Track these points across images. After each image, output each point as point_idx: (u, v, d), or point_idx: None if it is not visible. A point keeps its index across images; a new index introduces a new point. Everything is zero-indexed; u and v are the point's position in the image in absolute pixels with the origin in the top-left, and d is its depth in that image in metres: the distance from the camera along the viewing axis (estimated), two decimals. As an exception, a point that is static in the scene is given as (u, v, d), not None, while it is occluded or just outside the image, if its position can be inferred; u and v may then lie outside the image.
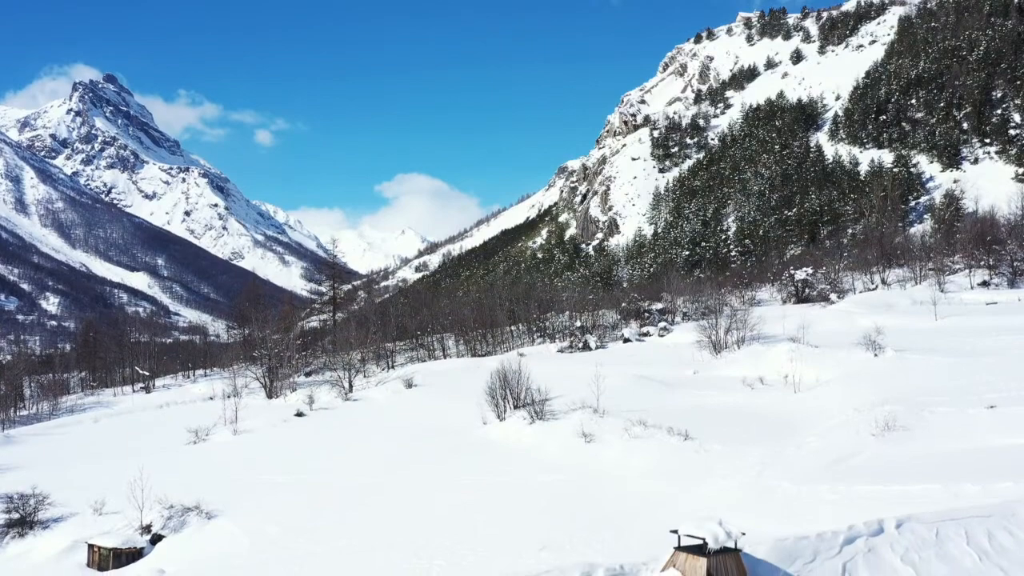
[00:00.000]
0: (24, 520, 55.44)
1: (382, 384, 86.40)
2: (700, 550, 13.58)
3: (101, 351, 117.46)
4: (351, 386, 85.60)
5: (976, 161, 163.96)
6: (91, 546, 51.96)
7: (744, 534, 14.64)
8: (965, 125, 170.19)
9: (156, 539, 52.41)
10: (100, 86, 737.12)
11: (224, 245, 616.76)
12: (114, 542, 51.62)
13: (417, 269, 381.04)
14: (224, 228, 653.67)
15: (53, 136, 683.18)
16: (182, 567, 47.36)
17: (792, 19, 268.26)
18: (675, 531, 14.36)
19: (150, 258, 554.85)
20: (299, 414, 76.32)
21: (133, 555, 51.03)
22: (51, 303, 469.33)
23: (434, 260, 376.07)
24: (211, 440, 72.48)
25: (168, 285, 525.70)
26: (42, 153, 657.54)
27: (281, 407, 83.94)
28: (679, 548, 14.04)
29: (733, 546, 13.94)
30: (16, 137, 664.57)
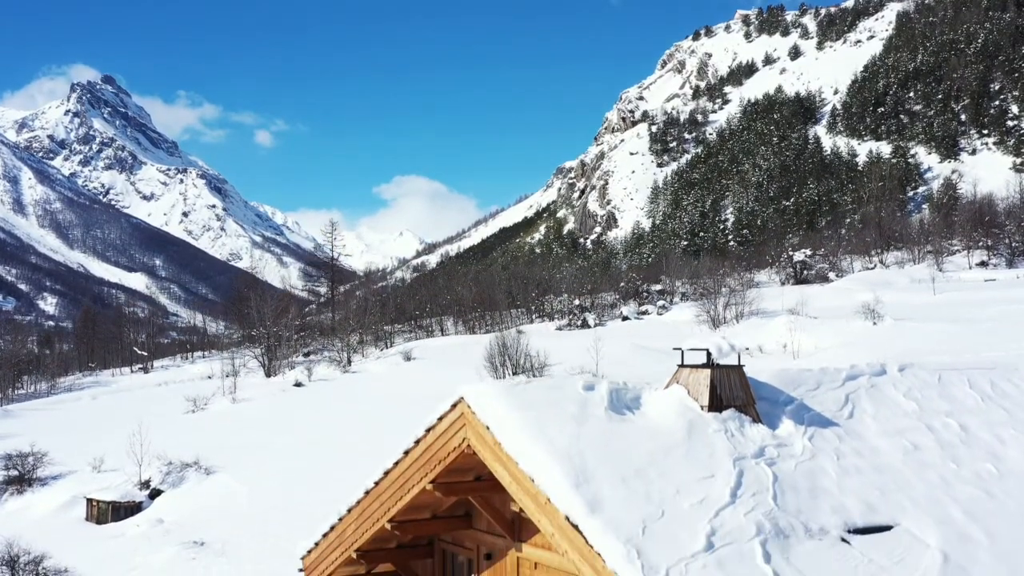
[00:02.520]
0: (22, 477, 55.47)
1: (381, 359, 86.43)
2: (704, 364, 13.59)
3: (100, 333, 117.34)
4: (349, 360, 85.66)
5: (974, 152, 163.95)
6: (90, 500, 51.97)
7: (748, 349, 14.66)
8: (963, 117, 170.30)
9: (155, 494, 52.40)
10: (98, 87, 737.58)
11: (222, 246, 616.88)
12: (112, 496, 51.60)
13: (415, 269, 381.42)
14: (222, 229, 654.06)
15: (51, 137, 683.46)
16: (182, 516, 47.35)
17: (790, 16, 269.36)
18: (679, 348, 14.39)
19: (148, 259, 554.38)
20: (298, 384, 76.39)
21: (132, 509, 51.01)
22: (49, 303, 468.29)
23: (432, 260, 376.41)
24: (210, 409, 72.52)
25: (166, 286, 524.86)
26: (40, 154, 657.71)
27: (279, 383, 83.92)
28: (683, 364, 14.07)
29: (737, 362, 13.96)
30: (14, 138, 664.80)
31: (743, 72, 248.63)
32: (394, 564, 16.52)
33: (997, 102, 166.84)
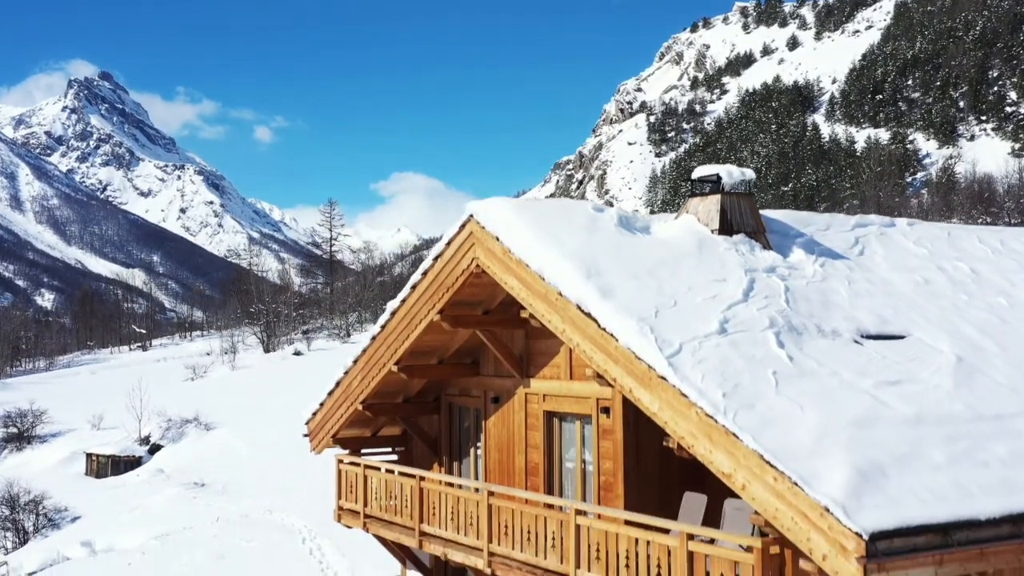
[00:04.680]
0: (21, 434, 55.34)
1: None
2: (714, 190, 13.47)
3: (98, 312, 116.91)
4: (348, 332, 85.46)
5: (972, 138, 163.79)
6: (89, 455, 51.90)
7: (755, 178, 14.61)
8: (961, 104, 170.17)
9: (155, 449, 52.32)
10: (95, 83, 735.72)
11: (220, 242, 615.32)
12: (112, 451, 51.54)
13: (414, 264, 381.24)
14: (220, 225, 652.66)
15: (48, 133, 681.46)
16: (181, 465, 47.22)
17: (788, 7, 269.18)
18: (690, 179, 14.29)
19: (145, 255, 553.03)
20: (297, 353, 76.22)
21: (131, 463, 50.93)
22: (46, 299, 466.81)
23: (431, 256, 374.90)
24: (209, 376, 72.37)
25: (163, 282, 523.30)
26: (37, 150, 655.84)
27: (279, 355, 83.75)
28: (693, 194, 13.96)
29: (747, 190, 13.85)
30: (11, 134, 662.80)
31: (741, 63, 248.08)
32: (400, 419, 16.40)
33: (995, 88, 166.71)
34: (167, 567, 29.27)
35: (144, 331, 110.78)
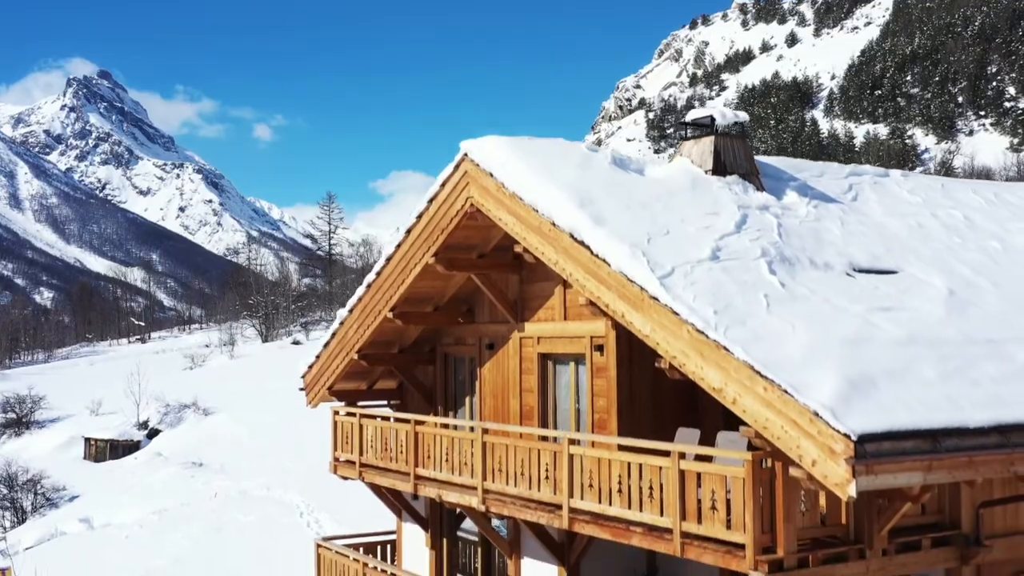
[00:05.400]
0: (20, 420, 55.33)
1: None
2: (708, 132, 13.51)
3: (96, 305, 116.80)
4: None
5: (971, 133, 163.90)
6: (87, 439, 51.93)
7: (749, 119, 14.66)
8: (960, 99, 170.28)
9: (153, 433, 52.33)
10: (94, 82, 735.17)
11: (219, 241, 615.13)
12: (110, 435, 51.56)
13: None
14: (219, 224, 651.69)
15: (47, 132, 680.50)
16: (180, 448, 47.21)
17: (787, 3, 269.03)
18: (683, 121, 14.33)
19: (144, 253, 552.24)
20: (296, 343, 76.26)
21: (130, 447, 50.94)
22: (45, 298, 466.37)
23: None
24: (208, 365, 72.37)
25: (163, 280, 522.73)
26: (36, 149, 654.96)
27: (278, 345, 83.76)
28: (686, 137, 14.00)
29: (741, 133, 13.90)
30: (10, 133, 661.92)
31: (740, 59, 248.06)
32: (396, 369, 16.43)
33: (994, 83, 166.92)
34: (165, 539, 29.31)
35: (143, 323, 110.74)
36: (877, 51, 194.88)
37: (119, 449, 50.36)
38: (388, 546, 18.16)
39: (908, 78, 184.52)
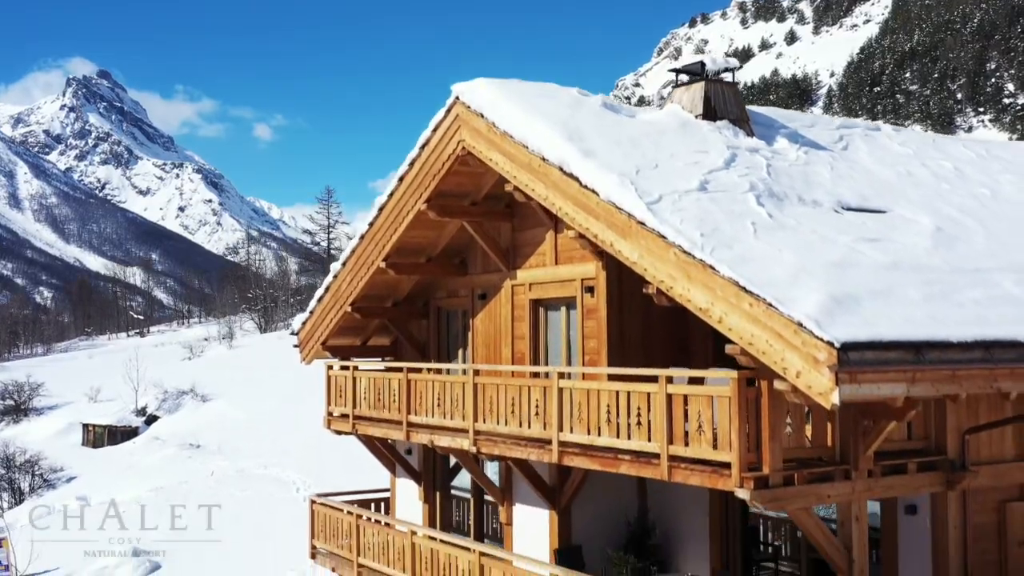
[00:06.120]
0: (18, 407, 55.38)
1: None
2: (698, 77, 13.57)
3: (95, 300, 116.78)
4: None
5: (970, 129, 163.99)
6: (86, 425, 51.99)
7: (740, 67, 14.72)
8: (959, 95, 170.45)
9: (151, 420, 52.38)
10: (94, 82, 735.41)
11: (218, 241, 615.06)
12: (109, 421, 51.60)
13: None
14: (218, 224, 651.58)
15: (47, 132, 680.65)
16: (178, 431, 47.27)
17: (787, 2, 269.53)
18: (674, 69, 14.39)
19: (144, 253, 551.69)
20: (294, 333, 76.31)
21: (128, 433, 50.99)
22: (44, 297, 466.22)
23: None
24: (206, 355, 72.44)
25: (162, 280, 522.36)
26: (35, 149, 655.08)
27: (276, 335, 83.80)
28: (676, 85, 14.08)
29: (731, 79, 13.96)
30: (9, 132, 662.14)
31: (739, 57, 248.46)
32: (389, 322, 16.50)
33: (993, 80, 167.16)
34: (162, 515, 29.36)
35: (142, 317, 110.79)
36: (876, 48, 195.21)
37: (117, 435, 50.40)
38: (382, 504, 18.23)
39: (907, 75, 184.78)
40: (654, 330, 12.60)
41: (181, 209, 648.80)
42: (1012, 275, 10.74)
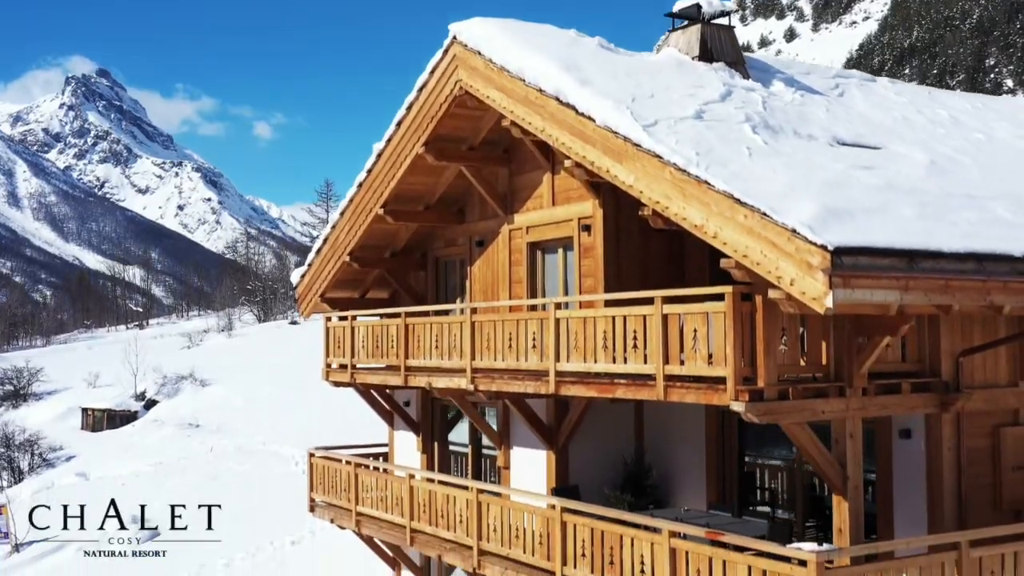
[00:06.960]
0: (17, 392, 55.42)
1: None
2: (694, 20, 13.62)
3: (95, 294, 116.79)
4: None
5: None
6: (85, 409, 52.04)
7: (737, 11, 14.72)
8: (958, 92, 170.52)
9: (150, 404, 52.44)
10: (93, 80, 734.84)
11: (218, 239, 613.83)
12: (108, 405, 51.65)
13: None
14: (217, 222, 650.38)
15: (46, 130, 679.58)
16: (177, 414, 47.34)
17: None
18: (670, 14, 14.44)
19: (143, 251, 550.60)
20: (293, 323, 76.23)
21: (127, 417, 51.04)
22: (44, 295, 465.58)
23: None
24: (205, 344, 72.49)
25: (161, 278, 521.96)
26: (34, 147, 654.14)
27: (275, 325, 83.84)
28: (673, 29, 14.13)
29: (728, 23, 14.01)
30: (8, 131, 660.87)
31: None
32: (388, 272, 16.57)
33: (992, 76, 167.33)
34: (161, 487, 29.43)
35: (141, 309, 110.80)
36: (875, 45, 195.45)
37: (116, 419, 50.45)
38: (380, 458, 18.29)
39: (906, 71, 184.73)
40: (651, 267, 12.68)
41: (180, 208, 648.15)
42: (1004, 202, 10.83)
